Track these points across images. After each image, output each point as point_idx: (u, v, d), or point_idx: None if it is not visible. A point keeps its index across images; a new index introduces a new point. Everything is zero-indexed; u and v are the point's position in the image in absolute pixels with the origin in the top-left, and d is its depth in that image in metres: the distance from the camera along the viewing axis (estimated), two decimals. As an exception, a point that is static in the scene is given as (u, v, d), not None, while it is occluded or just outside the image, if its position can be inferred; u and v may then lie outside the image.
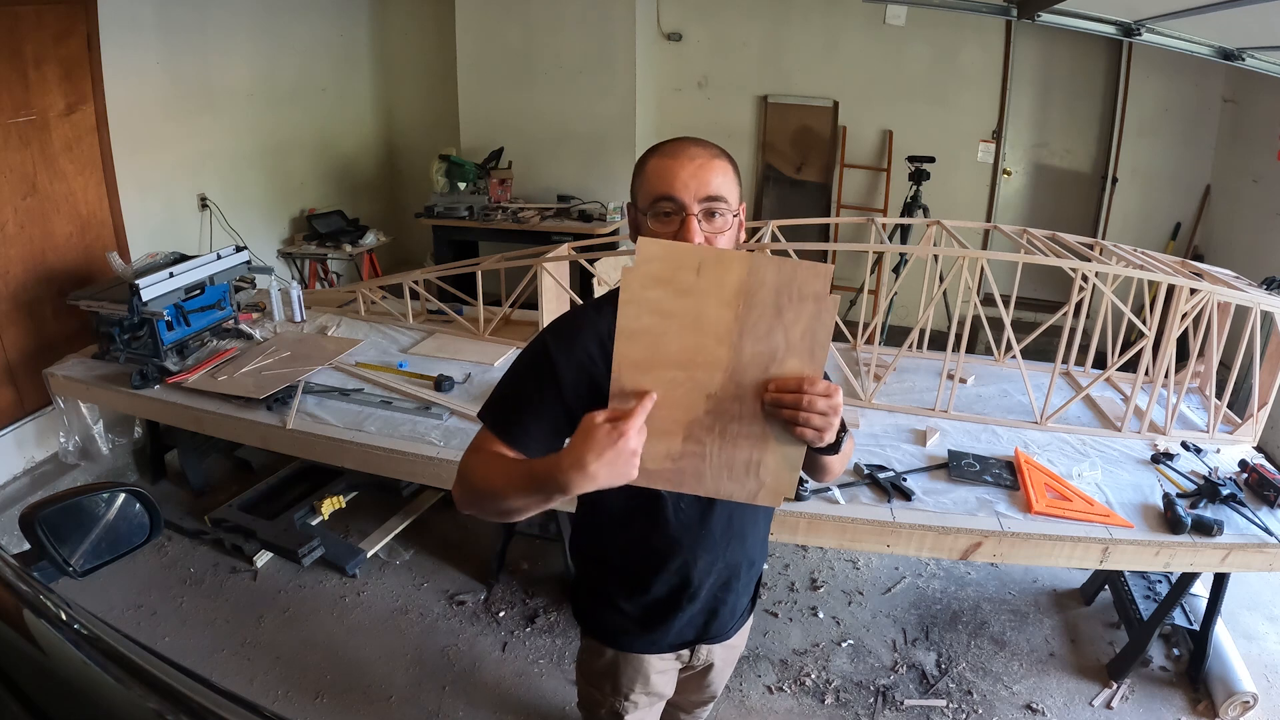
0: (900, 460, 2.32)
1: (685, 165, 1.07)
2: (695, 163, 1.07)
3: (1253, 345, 2.37)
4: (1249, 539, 2.04)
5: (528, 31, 4.69)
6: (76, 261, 3.24)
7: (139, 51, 3.49)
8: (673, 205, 1.07)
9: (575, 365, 1.12)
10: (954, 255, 2.54)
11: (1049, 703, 2.32)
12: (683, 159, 1.07)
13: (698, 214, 1.07)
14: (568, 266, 3.05)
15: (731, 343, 0.96)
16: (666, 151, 1.10)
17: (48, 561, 1.02)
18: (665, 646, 1.35)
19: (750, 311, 0.94)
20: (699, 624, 1.35)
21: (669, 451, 1.01)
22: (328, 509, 2.98)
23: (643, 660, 1.35)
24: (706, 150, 1.09)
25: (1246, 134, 4.15)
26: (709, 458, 1.02)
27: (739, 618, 1.41)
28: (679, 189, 1.06)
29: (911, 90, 4.75)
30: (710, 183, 1.07)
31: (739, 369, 0.97)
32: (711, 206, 1.07)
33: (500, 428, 1.14)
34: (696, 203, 1.06)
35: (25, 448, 3.14)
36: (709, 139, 1.14)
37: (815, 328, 0.95)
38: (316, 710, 2.26)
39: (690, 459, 1.02)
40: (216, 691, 0.66)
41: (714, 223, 1.08)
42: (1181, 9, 2.70)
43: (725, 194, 1.08)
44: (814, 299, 0.94)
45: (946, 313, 3.97)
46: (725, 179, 1.09)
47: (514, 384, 1.18)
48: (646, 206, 1.09)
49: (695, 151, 1.08)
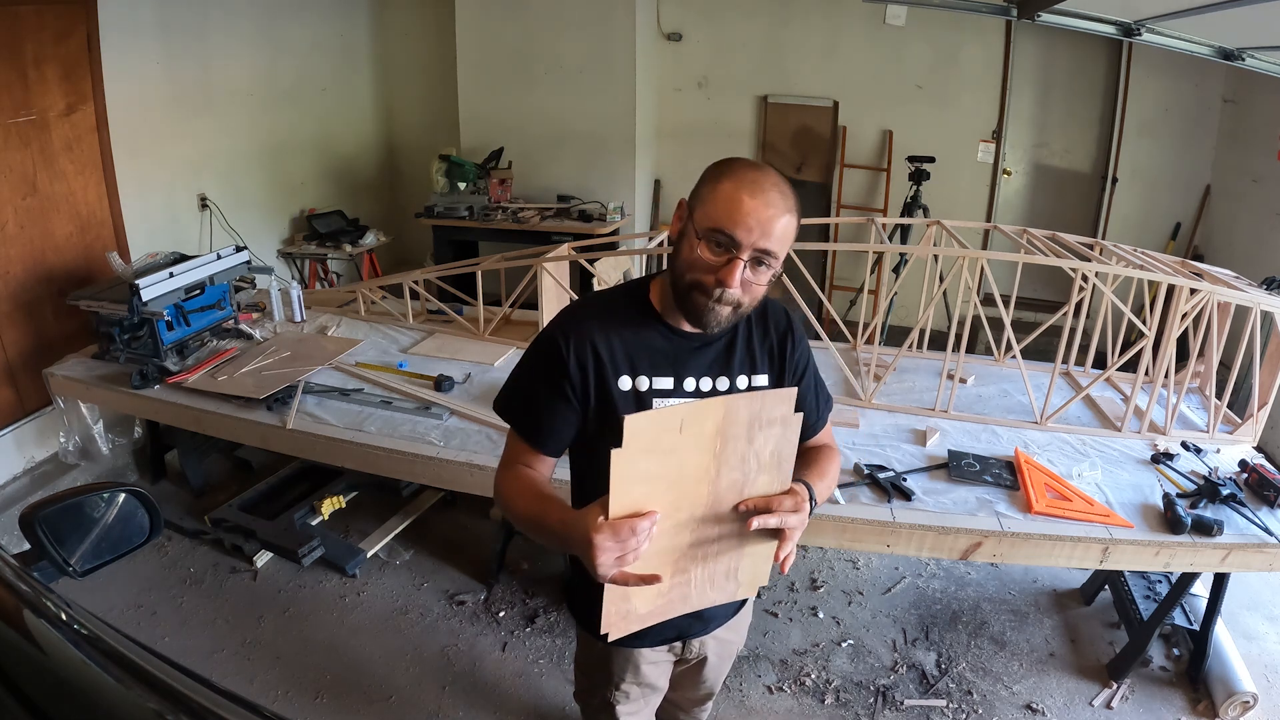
0: (900, 460, 2.32)
1: (760, 210, 1.04)
2: (770, 211, 1.04)
3: (1253, 345, 2.37)
4: (1249, 539, 2.04)
5: (528, 31, 4.69)
6: (76, 261, 3.24)
7: (139, 52, 3.49)
8: (729, 242, 1.05)
9: (578, 363, 1.14)
10: (954, 255, 2.54)
11: (1049, 703, 2.32)
12: (760, 201, 1.04)
13: (746, 260, 1.06)
14: (568, 266, 3.06)
15: (710, 479, 0.99)
16: (747, 184, 1.06)
17: (48, 561, 1.02)
18: (652, 640, 1.37)
19: (726, 446, 0.97)
20: (684, 619, 1.36)
21: (659, 592, 1.05)
22: (328, 509, 2.98)
23: (633, 651, 1.38)
24: (785, 200, 1.07)
25: (1246, 134, 4.16)
26: (693, 580, 1.07)
27: (726, 613, 1.42)
28: (742, 231, 1.04)
29: (911, 90, 4.75)
30: (773, 236, 1.05)
31: (717, 499, 1.01)
32: (763, 258, 1.07)
33: (524, 432, 1.20)
34: (752, 250, 1.05)
35: (25, 448, 3.14)
36: (709, 139, 1.15)
37: (782, 445, 1.00)
38: (316, 710, 2.26)
39: (678, 588, 1.07)
40: (216, 691, 0.66)
41: (758, 273, 1.08)
42: (1181, 9, 2.70)
43: (779, 251, 1.07)
44: (780, 422, 0.98)
45: (946, 313, 3.97)
46: (787, 236, 1.08)
47: (527, 382, 1.20)
48: (704, 231, 1.07)
49: (774, 198, 1.05)
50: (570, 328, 1.16)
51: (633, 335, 1.17)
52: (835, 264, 5.11)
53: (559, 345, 1.15)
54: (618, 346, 1.15)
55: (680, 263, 1.11)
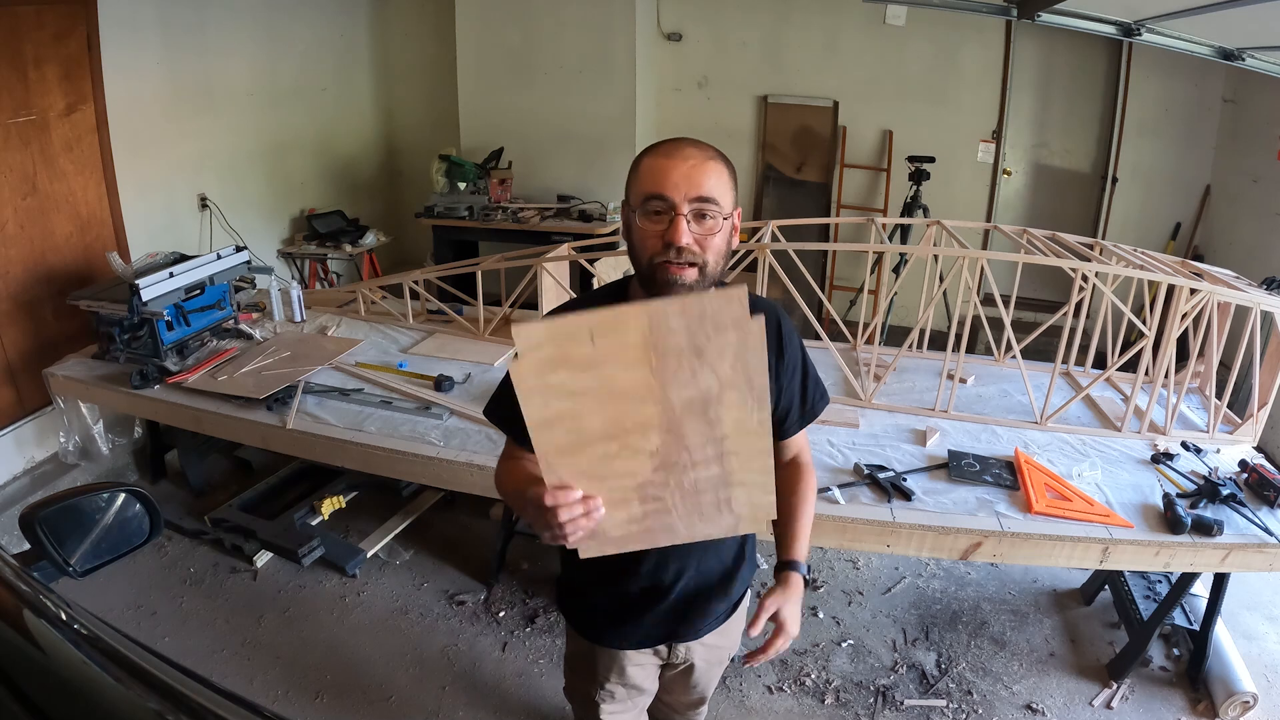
0: (900, 460, 2.32)
1: (679, 165, 1.07)
2: (689, 163, 1.07)
3: (1253, 345, 2.37)
4: (1249, 539, 2.04)
5: (527, 32, 4.69)
6: (76, 261, 3.24)
7: (139, 51, 3.49)
8: (663, 204, 1.07)
9: None
10: (954, 255, 2.54)
11: (1049, 703, 2.32)
12: (676, 159, 1.07)
13: (687, 214, 1.06)
14: (568, 266, 3.06)
15: (657, 398, 0.91)
16: (661, 151, 1.10)
17: (48, 561, 1.02)
18: (635, 642, 1.38)
19: (665, 361, 0.89)
20: (668, 624, 1.37)
21: (630, 516, 0.99)
22: (328, 509, 2.98)
23: (618, 652, 1.39)
24: (702, 151, 1.09)
25: (1246, 134, 4.15)
26: (674, 509, 0.99)
27: (713, 620, 1.42)
28: (670, 188, 1.06)
29: (911, 90, 4.75)
30: (703, 184, 1.06)
31: (675, 421, 0.93)
32: (702, 208, 1.07)
33: (513, 435, 1.23)
34: (687, 203, 1.06)
35: (25, 448, 3.14)
36: (709, 139, 1.14)
37: (744, 355, 0.90)
38: (316, 710, 2.26)
39: (655, 516, 1.00)
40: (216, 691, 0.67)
41: (703, 224, 1.08)
42: (1181, 9, 2.70)
43: (717, 196, 1.07)
44: (733, 326, 0.88)
45: (946, 313, 3.97)
46: (719, 181, 1.08)
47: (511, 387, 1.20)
48: (637, 204, 1.10)
49: (690, 152, 1.08)
50: None
51: None
52: (835, 264, 5.11)
53: None
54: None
55: (635, 249, 1.13)
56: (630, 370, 0.89)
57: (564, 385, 0.89)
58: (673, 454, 0.95)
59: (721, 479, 0.98)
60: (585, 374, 0.89)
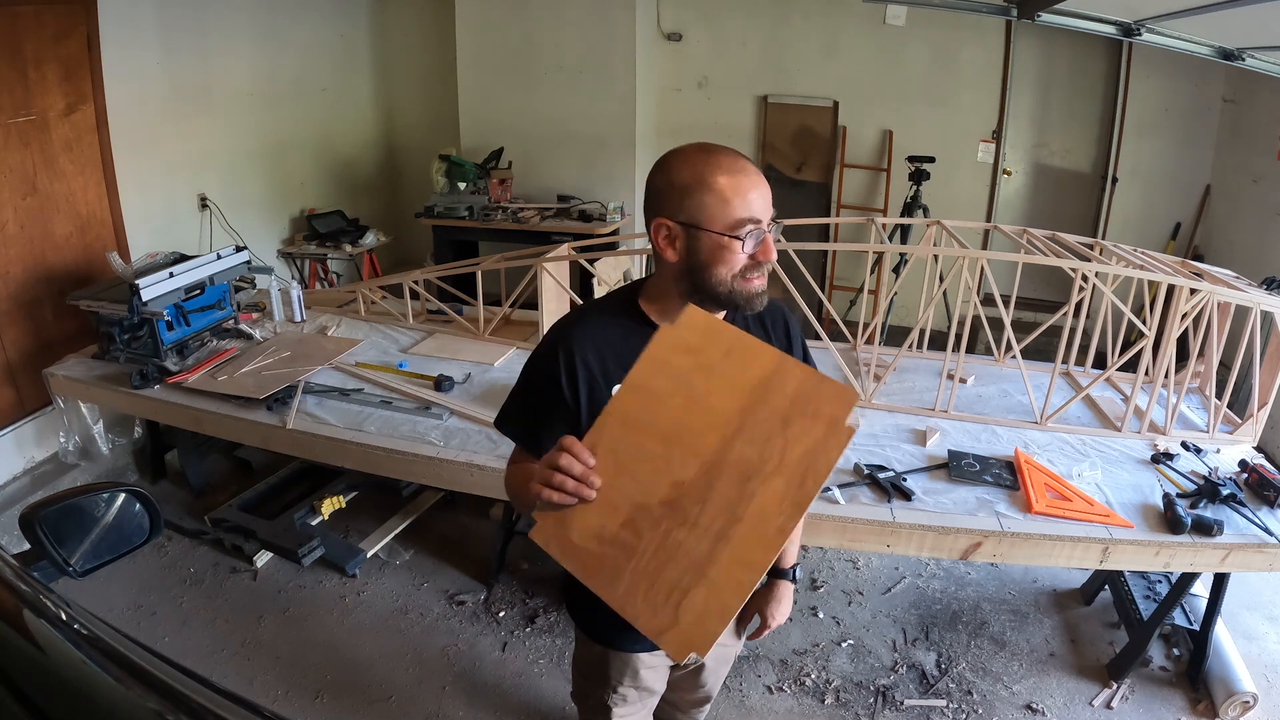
0: (900, 460, 2.32)
1: (756, 183, 1.09)
2: (758, 177, 1.10)
3: (1253, 345, 2.37)
4: (1249, 539, 2.04)
5: (528, 31, 4.69)
6: (76, 261, 3.24)
7: (139, 51, 3.49)
8: (756, 225, 1.09)
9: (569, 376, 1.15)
10: (954, 255, 2.54)
11: (1049, 703, 2.32)
12: (754, 177, 1.09)
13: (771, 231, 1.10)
14: (568, 266, 3.05)
15: (724, 435, 0.88)
16: (732, 169, 1.08)
17: (48, 561, 1.02)
18: (649, 645, 1.37)
19: (757, 410, 0.87)
20: None
21: (600, 532, 0.92)
22: (328, 509, 2.98)
23: (631, 655, 1.38)
24: (750, 162, 1.12)
25: (1246, 134, 4.15)
26: (636, 557, 0.90)
27: None
28: (760, 210, 1.09)
29: (911, 90, 4.75)
30: (770, 197, 1.11)
31: (717, 467, 0.88)
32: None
33: (527, 446, 1.22)
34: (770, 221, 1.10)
35: (25, 448, 3.14)
36: (709, 139, 1.15)
37: (818, 453, 0.85)
38: (316, 710, 2.26)
39: (616, 551, 0.91)
40: (216, 691, 0.66)
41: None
42: (1181, 9, 2.70)
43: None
44: (828, 421, 0.85)
45: (946, 313, 3.97)
46: None
47: (525, 394, 1.22)
48: (729, 228, 1.07)
49: (749, 166, 1.11)
50: (561, 341, 1.17)
51: (624, 343, 1.16)
52: (835, 264, 5.11)
53: (550, 360, 1.16)
54: (610, 357, 1.15)
55: (710, 268, 1.09)
56: (728, 397, 0.90)
57: (679, 370, 0.91)
58: (689, 498, 0.90)
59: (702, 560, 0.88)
60: (698, 374, 0.91)
